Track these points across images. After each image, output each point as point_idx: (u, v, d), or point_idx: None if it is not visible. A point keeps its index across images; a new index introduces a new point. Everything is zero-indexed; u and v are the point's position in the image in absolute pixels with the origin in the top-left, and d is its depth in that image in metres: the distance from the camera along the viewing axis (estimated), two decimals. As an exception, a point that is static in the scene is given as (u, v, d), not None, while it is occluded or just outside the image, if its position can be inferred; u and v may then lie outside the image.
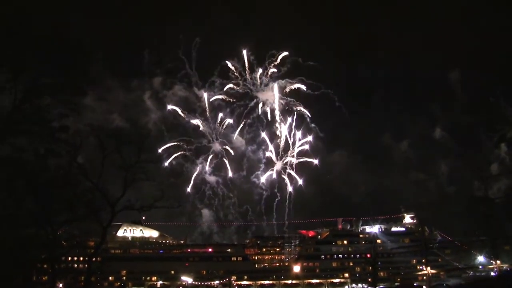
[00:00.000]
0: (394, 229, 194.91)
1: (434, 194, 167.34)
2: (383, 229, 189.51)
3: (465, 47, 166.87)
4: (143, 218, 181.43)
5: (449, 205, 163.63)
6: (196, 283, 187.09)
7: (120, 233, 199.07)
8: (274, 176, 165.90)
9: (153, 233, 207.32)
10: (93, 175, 69.54)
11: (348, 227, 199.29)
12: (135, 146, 71.49)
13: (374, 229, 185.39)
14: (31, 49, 53.96)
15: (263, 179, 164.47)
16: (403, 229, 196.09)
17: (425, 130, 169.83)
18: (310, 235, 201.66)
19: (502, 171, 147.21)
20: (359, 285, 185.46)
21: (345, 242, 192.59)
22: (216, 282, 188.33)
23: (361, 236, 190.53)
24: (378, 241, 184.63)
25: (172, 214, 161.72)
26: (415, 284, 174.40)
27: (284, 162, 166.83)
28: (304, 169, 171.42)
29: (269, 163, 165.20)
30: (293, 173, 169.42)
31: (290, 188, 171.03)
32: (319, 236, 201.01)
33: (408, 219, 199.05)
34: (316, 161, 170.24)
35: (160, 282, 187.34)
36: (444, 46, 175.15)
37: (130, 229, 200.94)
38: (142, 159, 71.70)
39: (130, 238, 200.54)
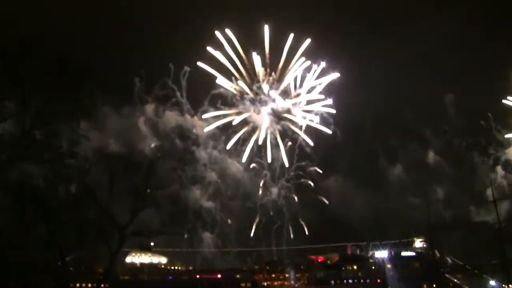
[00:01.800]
0: (404, 253, 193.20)
1: (433, 219, 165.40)
2: (392, 253, 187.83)
3: (459, 71, 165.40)
4: (152, 244, 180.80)
5: (449, 230, 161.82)
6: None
7: (128, 259, 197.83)
8: (274, 195, 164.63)
9: (162, 259, 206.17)
10: (102, 201, 69.73)
11: (358, 251, 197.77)
12: (143, 172, 71.76)
13: (384, 253, 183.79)
14: (40, 76, 54.58)
15: (259, 202, 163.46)
16: (413, 253, 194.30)
17: (418, 153, 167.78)
18: (319, 260, 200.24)
19: (499, 196, 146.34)
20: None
21: (355, 267, 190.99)
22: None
23: (371, 260, 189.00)
24: (388, 265, 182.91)
25: (176, 239, 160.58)
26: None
27: (281, 186, 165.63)
28: (302, 194, 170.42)
29: (267, 188, 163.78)
30: (295, 197, 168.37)
31: (286, 214, 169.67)
32: (328, 261, 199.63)
33: (418, 243, 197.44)
34: (311, 183, 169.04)
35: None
36: (438, 69, 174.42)
37: (138, 255, 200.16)
38: (150, 185, 71.92)
39: (138, 264, 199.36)
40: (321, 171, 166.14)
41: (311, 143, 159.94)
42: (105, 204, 68.97)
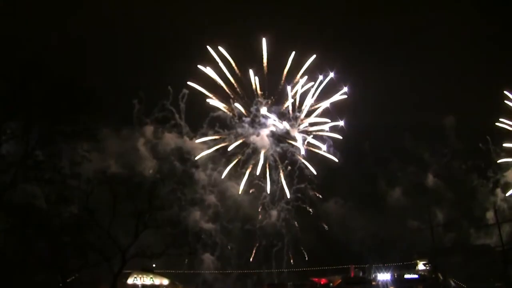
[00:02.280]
0: (407, 276, 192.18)
1: (435, 242, 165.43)
2: (395, 276, 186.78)
3: (459, 93, 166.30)
4: (154, 265, 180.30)
5: (450, 254, 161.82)
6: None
7: (130, 281, 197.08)
8: (274, 218, 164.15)
9: (164, 281, 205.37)
10: (104, 222, 69.88)
11: (361, 274, 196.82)
12: (145, 193, 71.96)
13: (387, 276, 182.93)
14: (44, 98, 55.07)
15: (259, 225, 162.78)
16: (416, 276, 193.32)
17: (417, 176, 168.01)
18: (322, 282, 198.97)
19: (500, 219, 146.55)
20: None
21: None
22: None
23: (373, 283, 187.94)
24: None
25: (177, 261, 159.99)
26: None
27: (281, 208, 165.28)
28: (302, 217, 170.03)
29: (266, 211, 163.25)
30: (295, 222, 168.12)
31: (287, 237, 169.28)
32: (331, 284, 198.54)
33: (421, 266, 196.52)
34: (311, 210, 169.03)
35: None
36: (437, 91, 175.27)
37: (140, 277, 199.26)
38: (153, 206, 72.06)
39: (140, 285, 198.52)
40: (320, 196, 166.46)
41: (314, 171, 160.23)
42: (107, 225, 69.10)
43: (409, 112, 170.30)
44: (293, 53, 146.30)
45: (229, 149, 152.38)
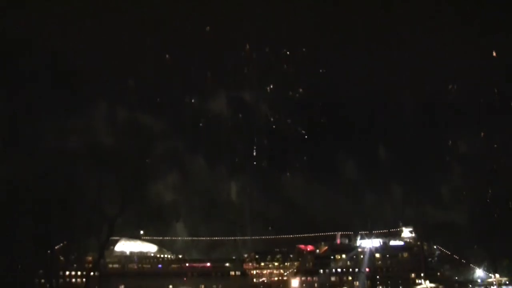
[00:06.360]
0: (392, 243, 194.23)
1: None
2: (381, 243, 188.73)
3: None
4: (141, 232, 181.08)
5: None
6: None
7: (118, 247, 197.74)
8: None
9: (152, 248, 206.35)
10: (92, 192, 69.86)
11: (347, 241, 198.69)
12: (133, 165, 71.77)
13: (373, 243, 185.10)
14: (33, 73, 54.61)
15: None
16: (401, 243, 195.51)
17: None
18: (308, 249, 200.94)
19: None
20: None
21: (344, 256, 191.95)
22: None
23: (359, 250, 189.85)
24: (377, 255, 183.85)
25: (168, 228, 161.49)
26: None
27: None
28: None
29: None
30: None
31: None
32: (318, 251, 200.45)
33: (406, 233, 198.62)
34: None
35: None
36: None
37: (128, 244, 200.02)
38: (140, 177, 71.96)
39: (128, 252, 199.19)
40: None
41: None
42: (95, 197, 69.14)
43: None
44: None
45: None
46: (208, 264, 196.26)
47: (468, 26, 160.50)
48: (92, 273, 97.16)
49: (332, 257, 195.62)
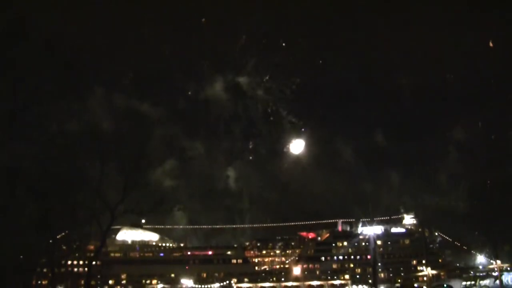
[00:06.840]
0: (394, 230, 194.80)
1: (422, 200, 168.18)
2: (383, 230, 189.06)
3: None
4: (143, 221, 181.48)
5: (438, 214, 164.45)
6: (197, 285, 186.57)
7: (119, 236, 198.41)
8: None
9: (153, 236, 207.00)
10: (93, 180, 69.45)
11: (348, 228, 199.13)
12: (135, 150, 71.18)
13: (374, 230, 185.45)
14: (32, 57, 54.10)
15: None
16: (403, 230, 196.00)
17: None
18: (310, 236, 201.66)
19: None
20: (360, 286, 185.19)
21: (345, 243, 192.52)
22: (217, 285, 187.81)
23: (361, 237, 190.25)
24: (378, 242, 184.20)
25: (167, 217, 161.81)
26: (415, 285, 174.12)
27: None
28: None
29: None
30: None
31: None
32: (319, 238, 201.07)
33: (408, 219, 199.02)
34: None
35: (160, 285, 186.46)
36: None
37: (129, 232, 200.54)
38: (142, 163, 71.39)
39: (130, 241, 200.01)
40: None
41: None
42: (96, 183, 68.66)
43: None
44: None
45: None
46: (210, 252, 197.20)
47: (468, 14, 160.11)
48: (94, 262, 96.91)
49: (333, 244, 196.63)
